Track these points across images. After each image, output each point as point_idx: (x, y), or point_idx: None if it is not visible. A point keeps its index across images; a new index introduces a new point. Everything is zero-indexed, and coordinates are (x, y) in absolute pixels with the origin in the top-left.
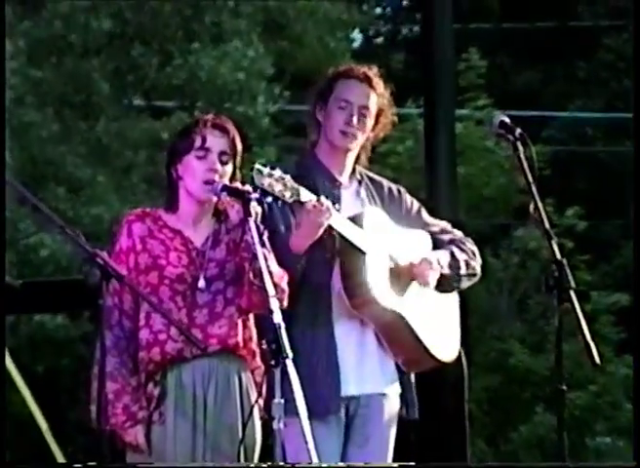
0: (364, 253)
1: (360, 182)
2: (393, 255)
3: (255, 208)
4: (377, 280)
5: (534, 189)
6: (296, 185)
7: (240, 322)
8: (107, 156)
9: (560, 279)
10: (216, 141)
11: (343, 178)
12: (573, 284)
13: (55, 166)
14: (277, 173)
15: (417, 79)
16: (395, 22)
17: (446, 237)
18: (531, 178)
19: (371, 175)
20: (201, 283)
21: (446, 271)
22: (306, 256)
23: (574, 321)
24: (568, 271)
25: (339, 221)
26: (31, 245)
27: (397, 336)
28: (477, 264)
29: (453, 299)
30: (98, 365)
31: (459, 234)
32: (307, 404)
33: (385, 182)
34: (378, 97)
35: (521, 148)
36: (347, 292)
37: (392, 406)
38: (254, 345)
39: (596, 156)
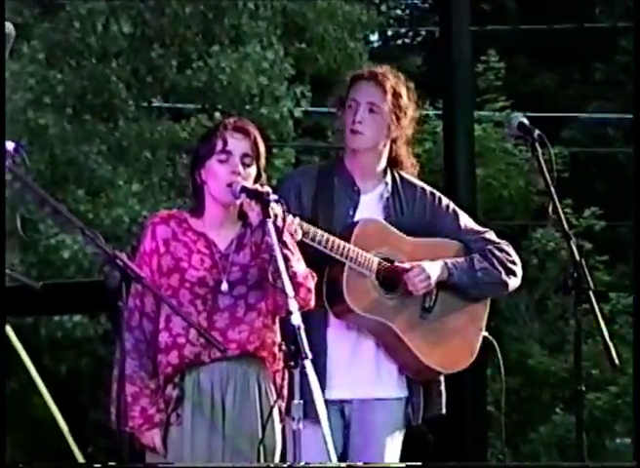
0: (343, 264)
1: (387, 185)
2: (384, 264)
3: (274, 209)
4: (354, 289)
5: (552, 190)
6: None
7: (262, 326)
8: (127, 157)
9: (579, 280)
10: (237, 144)
11: (366, 183)
12: (591, 285)
13: (74, 168)
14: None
15: (435, 81)
16: (413, 24)
17: (478, 245)
18: (549, 180)
19: (408, 178)
20: (224, 286)
21: (458, 279)
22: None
23: (592, 322)
24: (586, 272)
25: (313, 233)
26: (52, 246)
27: (390, 344)
28: (504, 273)
29: (476, 307)
30: (117, 367)
31: (496, 242)
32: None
33: (420, 186)
34: (387, 93)
35: (540, 150)
36: (328, 301)
37: (392, 410)
38: (276, 348)
39: (614, 157)
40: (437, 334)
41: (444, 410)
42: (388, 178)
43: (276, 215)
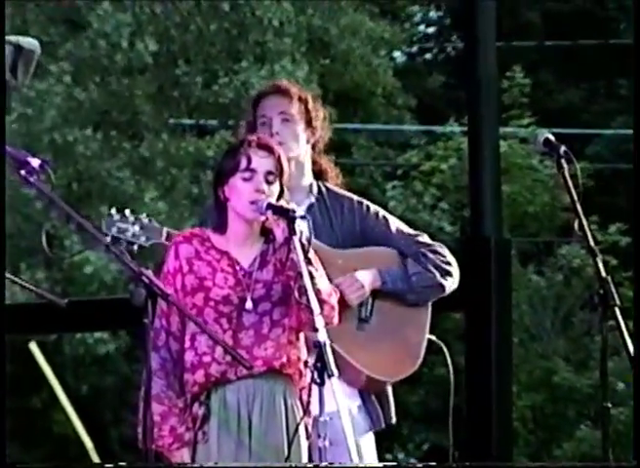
0: None
1: (317, 199)
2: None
3: (299, 226)
4: None
5: (578, 207)
6: (156, 226)
7: (287, 342)
8: (151, 174)
9: (605, 296)
10: (261, 162)
11: (293, 198)
12: (617, 301)
13: (99, 184)
14: (131, 216)
15: (460, 97)
16: (438, 41)
17: (412, 249)
18: (575, 196)
19: (334, 190)
20: (248, 304)
21: (393, 286)
22: None
23: (618, 338)
24: (612, 288)
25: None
26: (76, 263)
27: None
28: (438, 274)
29: (417, 311)
30: (144, 386)
31: (428, 244)
32: None
33: (347, 197)
34: (294, 100)
35: (565, 166)
36: None
37: (351, 419)
38: (302, 365)
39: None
40: (377, 344)
41: (394, 419)
42: (314, 191)
43: (302, 232)
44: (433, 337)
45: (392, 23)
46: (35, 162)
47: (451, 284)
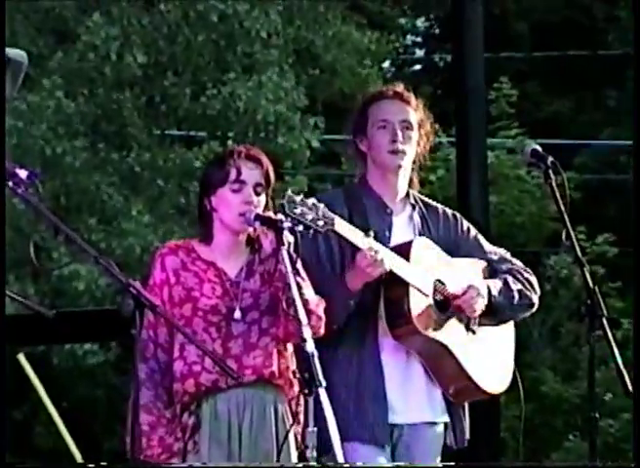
0: (407, 284)
1: (414, 207)
2: (439, 285)
3: (287, 237)
4: (419, 310)
5: (566, 217)
6: (330, 214)
7: (276, 352)
8: (139, 186)
9: (592, 307)
10: (250, 174)
11: (396, 204)
12: (605, 312)
13: (87, 196)
14: (310, 201)
15: (448, 108)
16: (426, 51)
17: (503, 266)
18: (563, 207)
19: (425, 199)
20: (237, 314)
21: (497, 300)
22: (360, 293)
23: (605, 349)
24: (600, 299)
25: (363, 242)
26: (65, 276)
27: (441, 366)
28: (534, 295)
29: (506, 330)
30: (132, 396)
31: (517, 263)
32: (355, 428)
33: (441, 208)
34: (413, 109)
35: (553, 177)
36: (389, 323)
37: (437, 435)
38: (291, 375)
39: (627, 184)
40: (481, 356)
41: (468, 436)
42: (412, 199)
43: (290, 243)
44: None
45: (380, 34)
46: (23, 173)
47: (536, 304)
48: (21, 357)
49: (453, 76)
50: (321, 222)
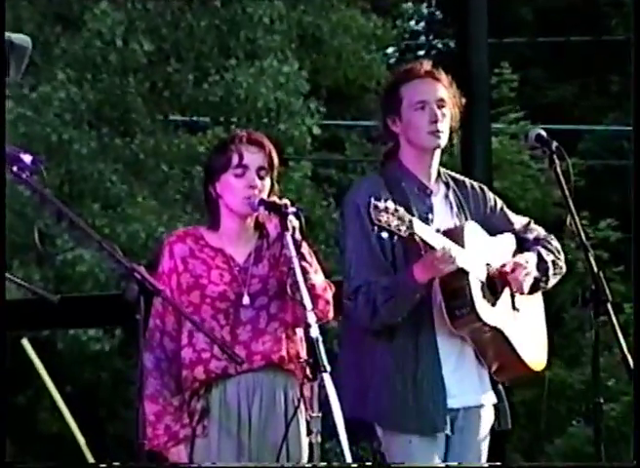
0: (466, 273)
1: (447, 185)
2: (489, 268)
3: (292, 222)
4: (480, 298)
5: (570, 202)
6: (408, 217)
7: (285, 337)
8: (143, 172)
9: (597, 292)
10: (253, 158)
11: (432, 184)
12: (609, 297)
13: (91, 182)
14: (391, 206)
15: None
16: (430, 37)
17: (530, 236)
18: (567, 192)
19: (452, 174)
20: (245, 299)
21: (535, 273)
22: (427, 287)
23: (609, 334)
24: (604, 284)
25: (438, 242)
26: (69, 261)
27: (493, 348)
28: (563, 263)
29: (539, 302)
30: (137, 384)
31: (541, 231)
32: (412, 420)
33: (468, 181)
34: (446, 87)
35: (557, 162)
36: (450, 313)
37: (489, 417)
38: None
39: (630, 169)
40: (526, 334)
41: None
42: (443, 177)
43: (294, 228)
44: None
45: (385, 19)
46: (27, 158)
47: (565, 271)
48: (25, 342)
49: (456, 62)
50: (404, 227)
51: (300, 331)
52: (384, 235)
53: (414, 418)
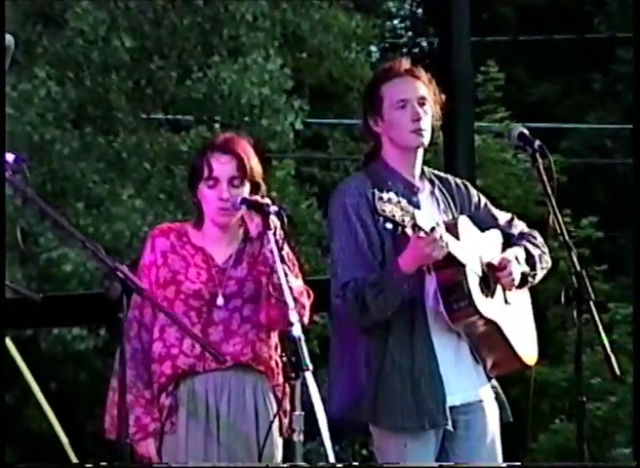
0: (463, 266)
1: (432, 183)
2: (482, 261)
3: (274, 221)
4: (477, 291)
5: (552, 201)
6: (411, 208)
7: (257, 339)
8: (126, 170)
9: (579, 290)
10: (223, 168)
11: (417, 182)
12: (592, 295)
13: (74, 181)
14: (394, 197)
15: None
16: (413, 35)
17: (515, 231)
18: (550, 190)
19: (436, 172)
20: (220, 300)
21: (524, 268)
22: (414, 278)
23: (590, 332)
24: (587, 283)
25: (447, 237)
26: (53, 260)
27: (489, 343)
28: (548, 256)
29: (527, 297)
30: (117, 377)
31: (523, 226)
32: (412, 417)
33: (451, 178)
34: (426, 85)
35: (540, 160)
36: (447, 307)
37: (493, 410)
38: (273, 363)
39: (613, 167)
40: (518, 328)
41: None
42: (427, 175)
43: (276, 228)
44: None
45: (367, 17)
46: (10, 157)
47: (550, 265)
48: (8, 341)
49: (439, 60)
50: (407, 218)
51: (274, 336)
52: (389, 226)
53: (414, 416)
